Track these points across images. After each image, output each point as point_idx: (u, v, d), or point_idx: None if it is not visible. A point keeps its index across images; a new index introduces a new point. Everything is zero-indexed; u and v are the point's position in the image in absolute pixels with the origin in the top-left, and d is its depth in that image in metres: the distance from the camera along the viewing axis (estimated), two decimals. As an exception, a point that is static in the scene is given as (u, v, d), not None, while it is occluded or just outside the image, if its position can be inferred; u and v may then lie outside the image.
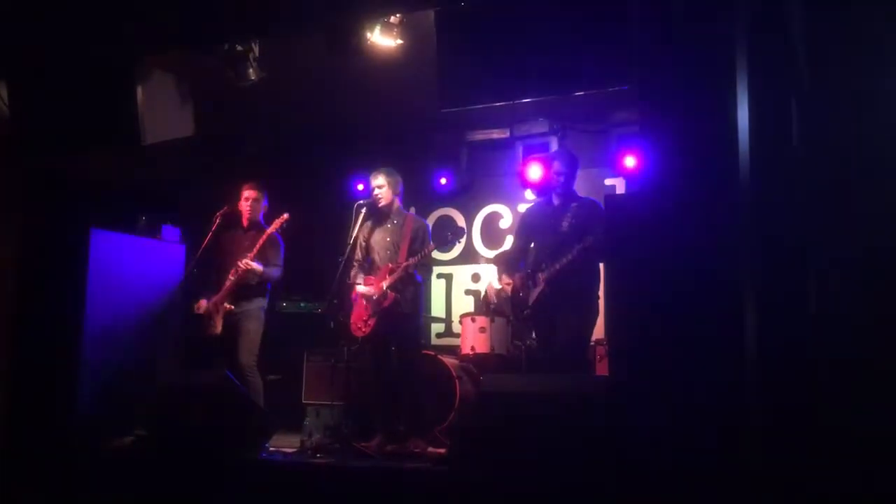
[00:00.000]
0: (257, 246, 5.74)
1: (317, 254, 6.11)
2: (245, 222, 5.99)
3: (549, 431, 4.15)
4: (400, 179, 5.70)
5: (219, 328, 5.77)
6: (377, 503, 4.42)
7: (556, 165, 5.35)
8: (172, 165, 6.29)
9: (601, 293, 5.20)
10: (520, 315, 5.41)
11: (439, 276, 7.80)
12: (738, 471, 3.44)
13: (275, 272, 5.88)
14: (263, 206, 6.04)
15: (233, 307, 5.76)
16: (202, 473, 4.78)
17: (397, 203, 5.69)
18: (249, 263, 5.67)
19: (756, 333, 3.62)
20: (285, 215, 5.78)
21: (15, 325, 5.63)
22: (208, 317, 5.80)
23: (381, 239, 5.61)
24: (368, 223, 5.65)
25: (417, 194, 7.31)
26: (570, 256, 5.03)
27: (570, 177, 5.32)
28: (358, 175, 7.49)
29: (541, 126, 7.32)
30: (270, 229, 5.78)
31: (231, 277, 5.76)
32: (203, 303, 5.84)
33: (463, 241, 6.46)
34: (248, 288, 5.82)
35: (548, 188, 5.57)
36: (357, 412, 5.59)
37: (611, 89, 4.78)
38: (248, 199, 5.95)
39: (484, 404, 4.65)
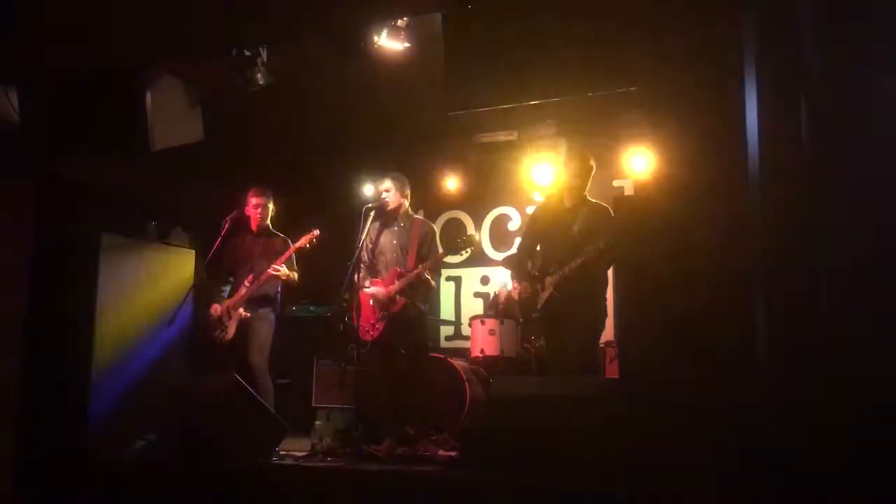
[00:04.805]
0: (284, 256, 5.77)
1: (325, 258, 6.11)
2: (255, 228, 6.01)
3: (559, 434, 4.15)
4: (407, 183, 5.70)
5: (231, 333, 5.78)
6: (387, 507, 4.42)
7: (573, 167, 5.32)
8: (182, 170, 6.30)
9: (609, 294, 5.19)
10: (529, 318, 5.41)
11: (448, 278, 7.81)
12: (749, 470, 3.42)
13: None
14: (271, 210, 6.06)
15: (248, 314, 5.78)
16: (213, 478, 4.79)
17: (405, 206, 5.69)
18: (278, 269, 5.71)
19: (766, 334, 3.61)
20: (315, 231, 5.80)
21: (26, 330, 5.64)
22: (220, 322, 5.82)
23: (388, 242, 5.62)
24: (376, 226, 5.66)
25: (426, 197, 7.33)
26: (579, 261, 5.00)
27: (584, 179, 5.29)
28: (366, 178, 7.51)
29: (549, 128, 7.31)
30: (299, 244, 5.79)
31: (247, 284, 5.78)
32: (217, 307, 5.86)
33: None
34: (262, 293, 5.84)
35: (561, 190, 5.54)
36: (367, 415, 5.59)
37: (619, 90, 4.77)
38: (256, 206, 5.97)
39: (494, 407, 4.65)
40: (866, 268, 3.93)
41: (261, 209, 5.98)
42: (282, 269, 5.74)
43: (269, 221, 6.05)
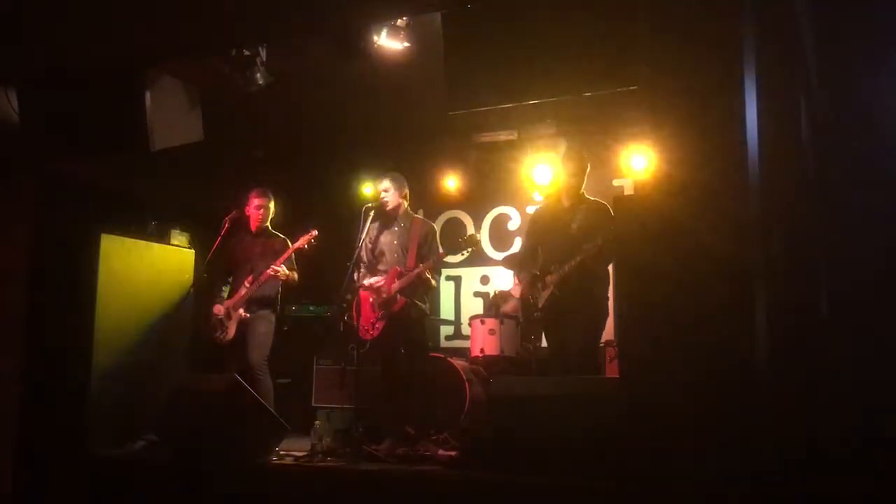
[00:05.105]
0: (283, 257, 5.78)
1: (325, 258, 6.12)
2: (254, 228, 6.01)
3: (559, 434, 4.15)
4: (405, 183, 5.71)
5: (231, 334, 5.79)
6: (388, 506, 4.42)
7: (569, 166, 5.34)
8: (181, 170, 6.31)
9: (610, 294, 5.19)
10: (530, 317, 5.41)
11: (448, 278, 7.80)
12: (749, 470, 3.42)
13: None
14: (272, 211, 6.06)
15: (248, 315, 5.78)
16: (213, 478, 4.78)
17: (404, 206, 5.69)
18: (278, 270, 5.72)
19: (766, 333, 3.61)
20: (314, 231, 5.81)
21: (25, 330, 5.65)
22: (221, 322, 5.83)
23: (388, 242, 5.62)
24: (376, 226, 5.67)
25: (426, 197, 7.33)
26: (578, 259, 5.02)
27: (580, 178, 5.31)
28: (366, 178, 7.51)
29: (548, 127, 7.31)
30: (297, 245, 5.80)
31: (247, 284, 5.79)
32: (220, 308, 5.87)
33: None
34: (262, 293, 5.84)
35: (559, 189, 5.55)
36: (367, 415, 5.59)
37: (619, 89, 4.77)
38: (259, 207, 5.98)
39: (494, 407, 4.65)
40: (866, 268, 3.93)
41: (263, 210, 5.99)
42: (281, 270, 5.75)
43: (268, 222, 6.06)
